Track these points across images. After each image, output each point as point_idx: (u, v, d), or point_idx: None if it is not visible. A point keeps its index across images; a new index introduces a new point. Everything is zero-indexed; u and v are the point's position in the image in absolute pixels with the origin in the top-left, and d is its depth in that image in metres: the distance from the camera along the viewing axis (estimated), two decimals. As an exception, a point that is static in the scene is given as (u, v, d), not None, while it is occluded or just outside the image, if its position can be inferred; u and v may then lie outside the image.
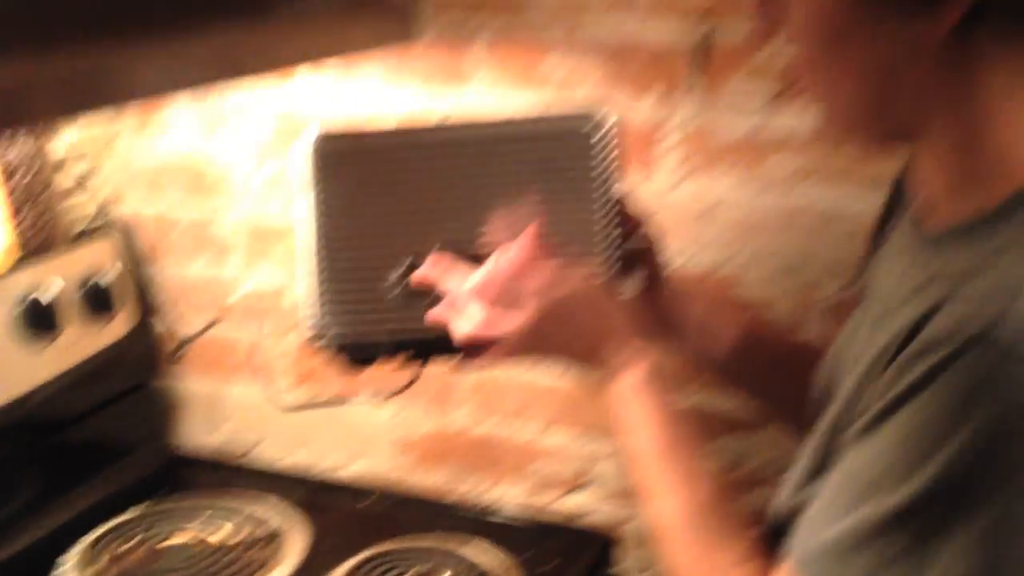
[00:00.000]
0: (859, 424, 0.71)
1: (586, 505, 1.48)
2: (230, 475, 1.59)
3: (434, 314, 0.94)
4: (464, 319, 0.91)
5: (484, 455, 1.53)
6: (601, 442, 1.46)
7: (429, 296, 0.95)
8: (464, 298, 0.91)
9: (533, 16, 1.34)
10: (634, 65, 1.31)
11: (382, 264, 0.97)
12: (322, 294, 0.98)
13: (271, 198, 1.56)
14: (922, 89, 0.71)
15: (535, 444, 1.49)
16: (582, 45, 1.33)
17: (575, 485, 1.48)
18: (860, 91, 0.74)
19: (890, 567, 0.66)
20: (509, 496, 1.51)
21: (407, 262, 0.96)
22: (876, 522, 0.67)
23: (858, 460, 0.70)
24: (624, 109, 1.31)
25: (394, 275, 0.97)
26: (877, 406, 0.69)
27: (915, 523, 0.65)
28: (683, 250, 1.33)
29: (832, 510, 0.72)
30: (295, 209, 1.00)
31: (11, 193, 1.37)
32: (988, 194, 0.70)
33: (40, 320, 1.35)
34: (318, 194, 0.97)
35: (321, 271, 0.98)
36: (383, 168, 0.99)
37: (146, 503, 1.45)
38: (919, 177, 0.79)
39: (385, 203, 0.98)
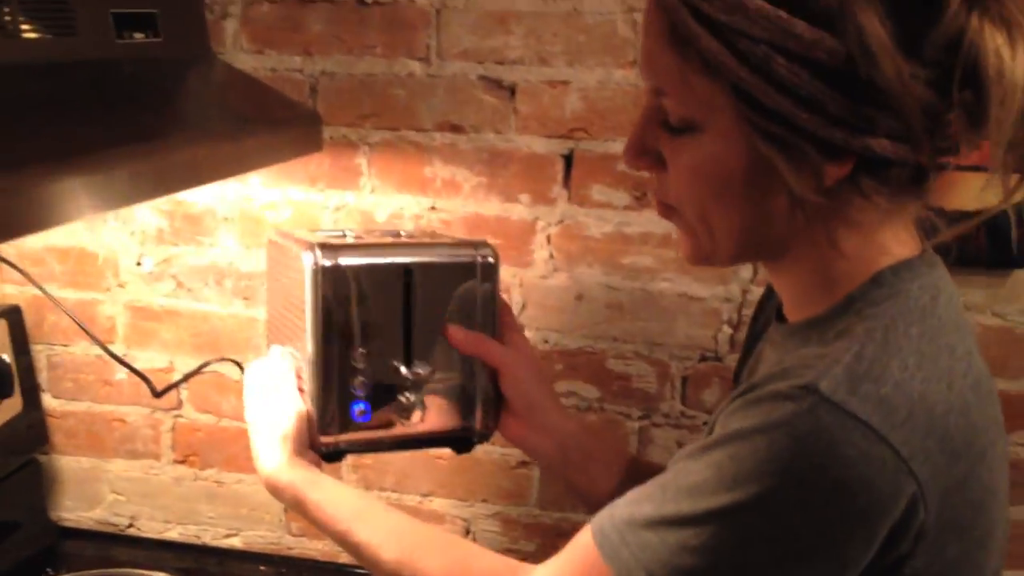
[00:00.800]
0: (693, 446, 0.79)
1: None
2: (115, 547, 1.64)
3: None
4: None
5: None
6: (478, 507, 1.60)
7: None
8: None
9: (414, 131, 1.51)
10: (508, 173, 1.49)
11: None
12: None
13: (155, 285, 1.64)
14: (790, 228, 0.80)
15: (418, 509, 1.62)
16: (460, 155, 1.50)
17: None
18: (737, 232, 0.81)
19: (684, 554, 0.74)
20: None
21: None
22: (688, 515, 0.74)
23: (685, 469, 0.77)
24: (500, 211, 1.50)
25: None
26: (714, 434, 0.77)
27: (723, 527, 0.73)
28: (559, 329, 1.51)
29: (647, 497, 0.79)
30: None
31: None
32: (830, 298, 0.83)
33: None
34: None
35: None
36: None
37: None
38: (778, 285, 0.90)
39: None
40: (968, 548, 0.78)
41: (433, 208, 1.53)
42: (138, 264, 1.64)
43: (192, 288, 1.63)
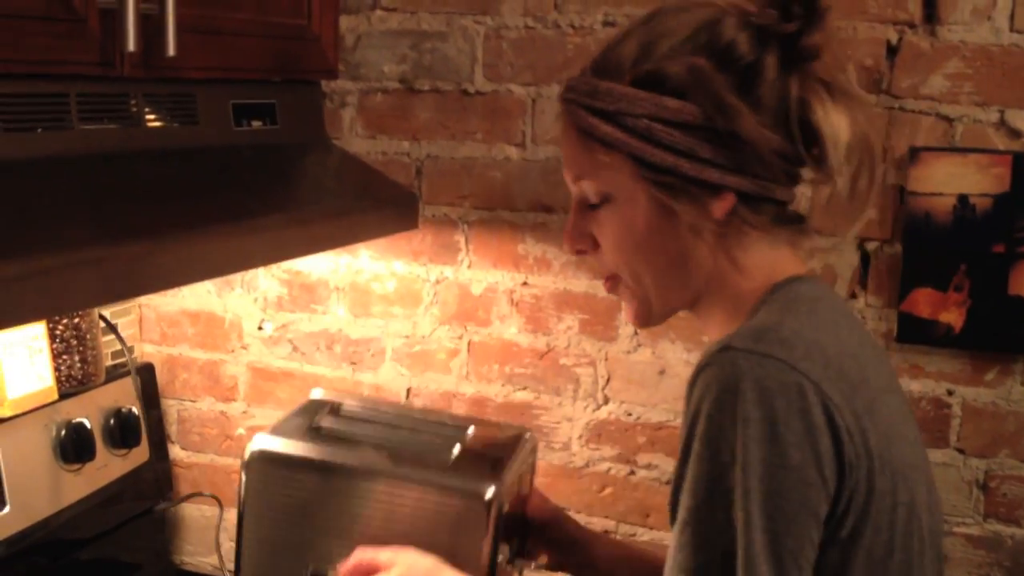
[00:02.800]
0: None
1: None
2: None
3: None
4: None
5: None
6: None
7: None
8: None
9: (508, 211, 1.62)
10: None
11: (289, 559, 1.19)
12: (246, 570, 1.21)
13: (273, 347, 1.78)
14: (701, 266, 0.98)
15: (504, 571, 1.69)
16: (551, 234, 1.59)
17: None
18: (668, 278, 0.99)
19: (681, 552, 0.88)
20: None
21: (309, 571, 1.18)
22: (683, 522, 0.89)
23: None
24: (588, 287, 1.58)
25: None
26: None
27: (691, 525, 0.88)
28: (643, 403, 1.58)
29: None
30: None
31: (57, 337, 1.57)
32: (742, 316, 0.97)
33: (78, 446, 1.54)
34: (249, 495, 1.20)
35: (247, 554, 1.21)
36: (301, 490, 1.19)
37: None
38: (706, 327, 1.04)
39: (296, 516, 1.18)
40: (894, 492, 0.90)
41: (525, 283, 1.62)
42: (259, 328, 1.79)
43: (306, 352, 1.77)
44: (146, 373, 1.77)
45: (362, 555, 1.12)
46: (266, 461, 1.18)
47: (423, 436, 1.26)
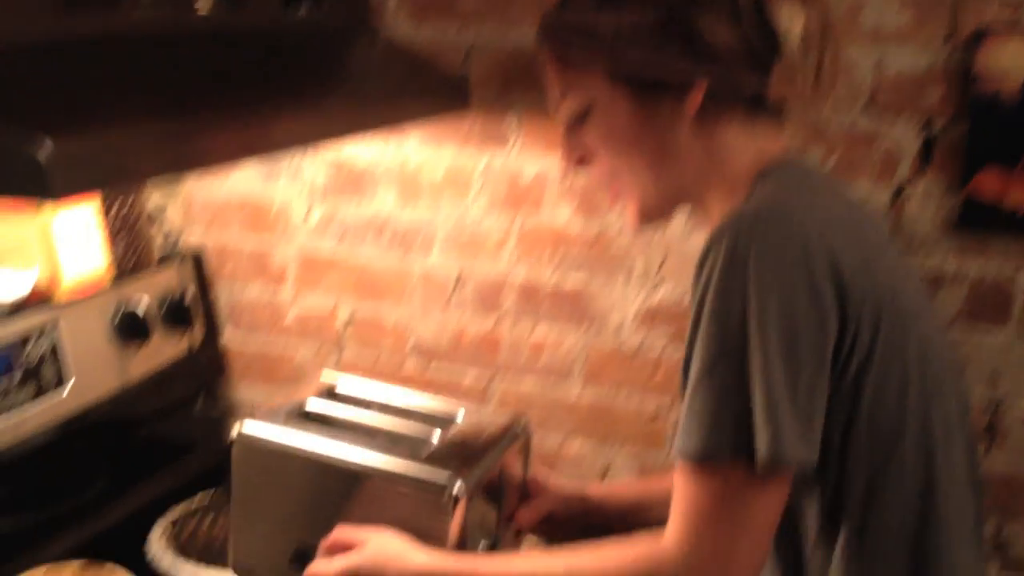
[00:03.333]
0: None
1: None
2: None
3: None
4: None
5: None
6: (616, 450, 1.68)
7: None
8: None
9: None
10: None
11: (276, 535, 1.23)
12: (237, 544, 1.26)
13: (321, 235, 1.78)
14: (690, 159, 1.05)
15: (558, 452, 1.71)
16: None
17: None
18: (658, 171, 1.07)
19: (716, 402, 0.93)
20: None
21: (295, 548, 1.21)
22: (696, 381, 0.94)
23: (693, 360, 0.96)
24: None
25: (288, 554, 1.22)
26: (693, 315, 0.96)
27: (716, 372, 0.93)
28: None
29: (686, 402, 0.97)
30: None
31: (108, 222, 1.58)
32: (731, 196, 1.05)
33: (134, 329, 1.57)
34: (236, 476, 1.24)
35: (238, 530, 1.26)
36: (284, 475, 1.22)
37: (212, 491, 1.66)
38: (706, 222, 1.09)
39: (281, 496, 1.23)
40: (903, 333, 0.97)
41: (567, 172, 1.60)
42: (307, 216, 1.79)
43: (353, 240, 1.77)
44: (196, 259, 1.78)
45: (340, 533, 1.17)
46: (251, 447, 1.23)
47: (410, 422, 1.30)
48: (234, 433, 1.23)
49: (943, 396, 1.01)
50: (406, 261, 1.74)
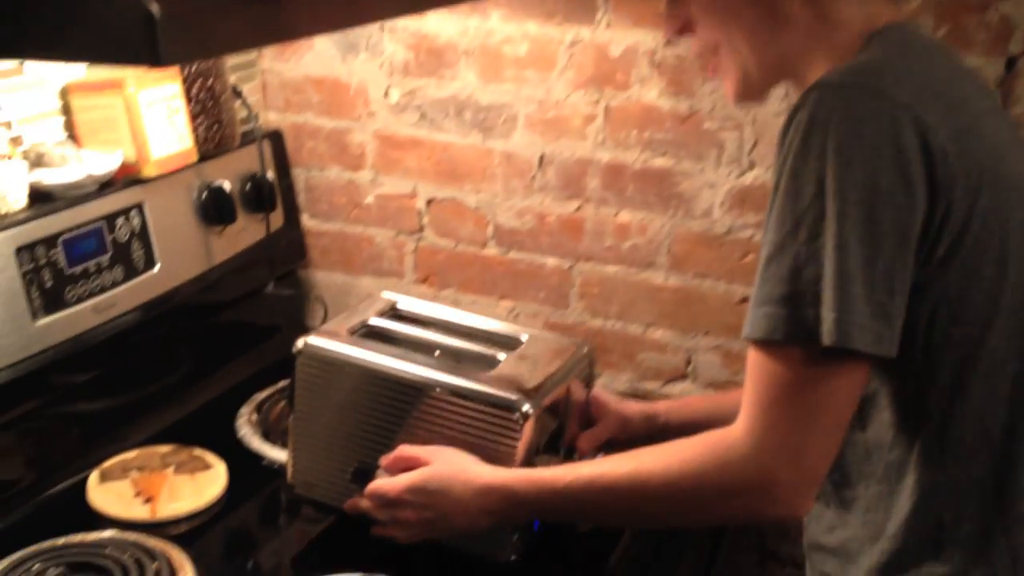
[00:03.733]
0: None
1: (685, 392, 1.68)
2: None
3: (350, 505, 1.21)
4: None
5: (596, 345, 1.72)
6: (700, 339, 1.65)
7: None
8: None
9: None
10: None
11: (336, 452, 1.23)
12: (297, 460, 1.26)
13: (400, 115, 1.75)
14: (795, 21, 0.99)
15: (642, 339, 1.69)
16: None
17: (676, 375, 1.69)
18: (761, 48, 1.01)
19: (807, 261, 0.89)
20: (618, 382, 1.72)
21: (355, 466, 1.22)
22: (767, 257, 0.91)
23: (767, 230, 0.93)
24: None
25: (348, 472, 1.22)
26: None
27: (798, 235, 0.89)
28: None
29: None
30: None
31: (190, 101, 1.56)
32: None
33: (219, 210, 1.56)
34: (299, 390, 1.23)
35: (298, 447, 1.25)
36: (345, 390, 1.22)
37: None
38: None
39: (344, 413, 1.22)
40: (1004, 209, 0.92)
41: (668, 43, 1.54)
42: (385, 96, 1.75)
43: (434, 119, 1.73)
44: (275, 140, 1.76)
45: (403, 451, 1.17)
46: (313, 360, 1.22)
47: (473, 343, 1.28)
48: (298, 345, 1.22)
49: None
50: (487, 142, 1.70)
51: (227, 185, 1.57)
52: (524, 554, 1.18)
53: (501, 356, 1.24)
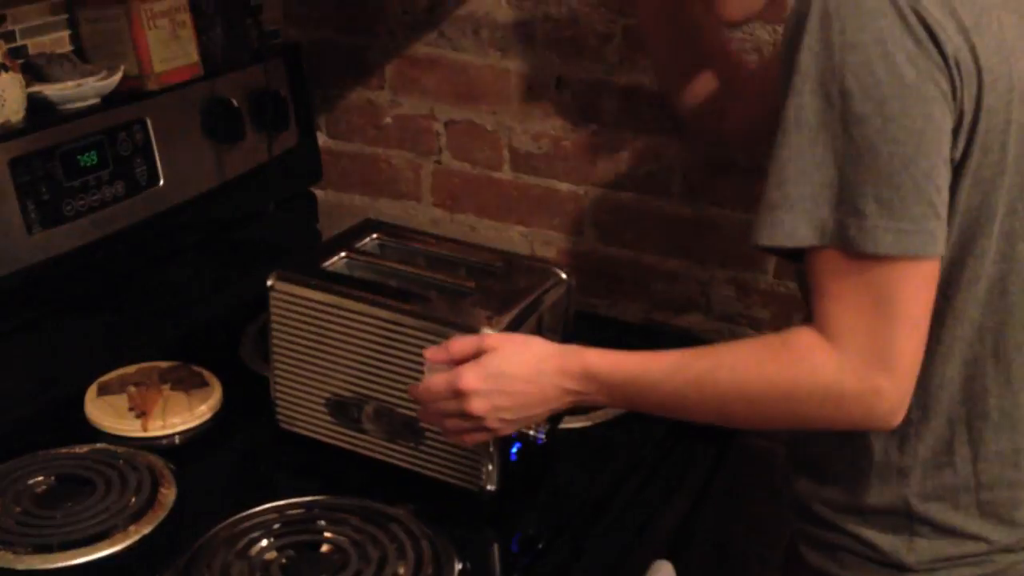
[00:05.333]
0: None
1: (698, 324, 1.64)
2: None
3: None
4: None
5: (609, 273, 1.70)
6: (714, 271, 1.61)
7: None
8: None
9: None
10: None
11: (316, 386, 1.23)
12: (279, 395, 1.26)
13: (419, 33, 1.70)
14: None
15: (654, 269, 1.65)
16: None
17: (690, 306, 1.65)
18: None
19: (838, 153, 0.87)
20: (630, 312, 1.69)
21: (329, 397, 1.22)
22: (793, 149, 0.88)
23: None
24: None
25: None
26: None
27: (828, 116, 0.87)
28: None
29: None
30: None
31: (197, 13, 1.53)
32: None
33: (226, 126, 1.54)
34: (275, 326, 1.23)
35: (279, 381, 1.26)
36: (316, 323, 1.20)
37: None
38: None
39: (320, 348, 1.21)
40: (1007, 110, 0.88)
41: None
42: (404, 13, 1.71)
43: (452, 38, 1.68)
44: (291, 55, 1.73)
45: (454, 341, 1.06)
46: (283, 296, 1.21)
47: (448, 273, 1.26)
48: (270, 281, 1.21)
49: None
50: (503, 61, 1.66)
51: (235, 101, 1.55)
52: (501, 485, 1.16)
53: (472, 285, 1.22)
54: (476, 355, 1.03)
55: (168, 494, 1.17)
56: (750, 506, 1.68)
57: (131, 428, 1.29)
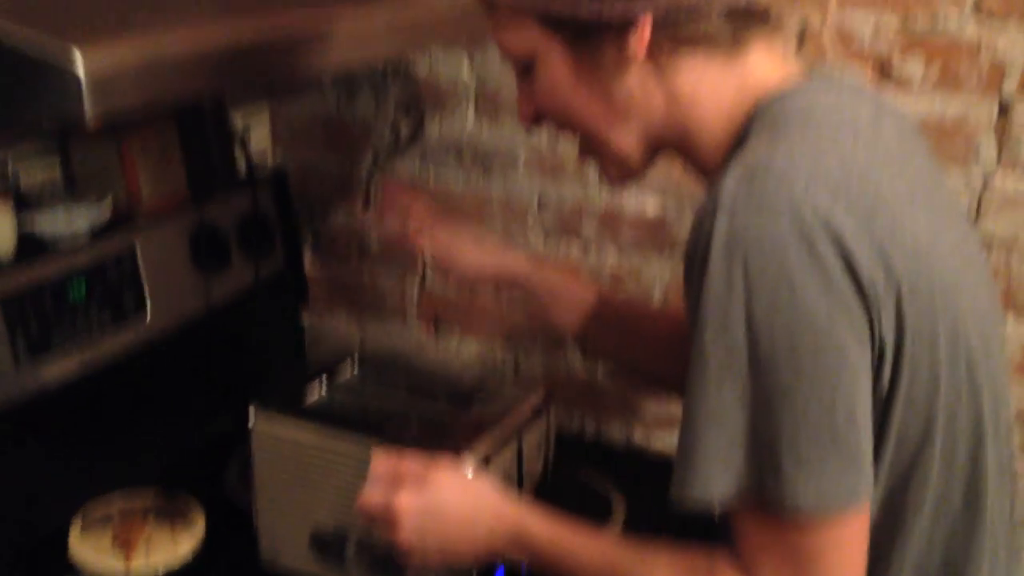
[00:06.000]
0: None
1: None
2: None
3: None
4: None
5: (592, 392, 1.70)
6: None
7: None
8: None
9: None
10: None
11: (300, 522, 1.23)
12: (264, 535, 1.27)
13: (404, 157, 1.75)
14: (650, 102, 0.92)
15: (639, 385, 1.67)
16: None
17: (674, 425, 1.65)
18: (618, 127, 0.94)
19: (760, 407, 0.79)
20: (615, 430, 1.69)
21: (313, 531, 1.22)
22: (699, 402, 0.82)
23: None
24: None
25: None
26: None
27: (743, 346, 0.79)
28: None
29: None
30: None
31: (188, 143, 1.57)
32: (723, 147, 0.91)
33: (213, 253, 1.56)
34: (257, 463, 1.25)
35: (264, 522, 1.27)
36: (296, 461, 1.22)
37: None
38: (694, 171, 0.97)
39: (303, 484, 1.22)
40: (932, 315, 0.81)
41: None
42: (390, 135, 1.75)
43: (436, 161, 1.72)
44: (279, 180, 1.76)
45: (398, 461, 1.04)
46: (264, 435, 1.23)
47: (430, 397, 1.29)
48: (251, 421, 1.23)
49: (975, 390, 0.86)
50: (486, 185, 1.70)
51: (223, 227, 1.58)
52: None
53: (455, 411, 1.23)
54: (421, 480, 1.00)
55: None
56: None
57: (114, 566, 1.28)
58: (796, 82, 0.91)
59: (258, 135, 1.82)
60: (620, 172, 0.99)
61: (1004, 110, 1.33)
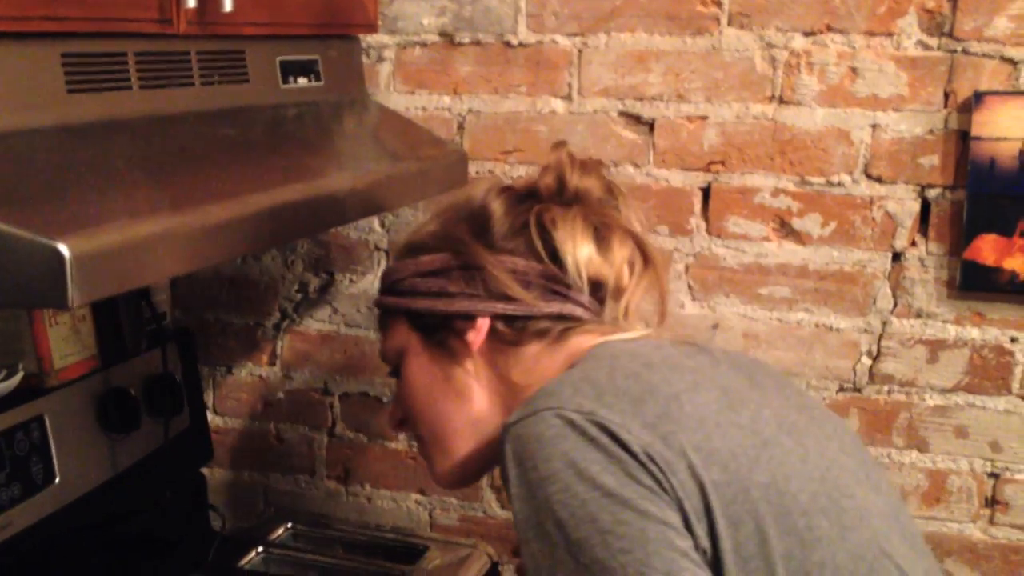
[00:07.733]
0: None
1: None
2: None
3: None
4: None
5: (513, 539, 1.70)
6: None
7: None
8: None
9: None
10: (647, 205, 1.53)
11: None
12: None
13: (311, 310, 1.75)
14: (485, 399, 1.03)
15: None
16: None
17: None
18: (458, 424, 1.04)
19: None
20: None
21: None
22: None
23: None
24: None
25: None
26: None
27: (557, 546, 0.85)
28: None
29: None
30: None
31: (95, 306, 1.53)
32: None
33: (123, 415, 1.51)
34: None
35: None
36: None
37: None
38: None
39: None
40: (737, 478, 0.86)
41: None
42: (297, 292, 1.75)
43: (346, 313, 1.73)
44: (183, 339, 1.73)
45: None
46: None
47: (365, 555, 1.34)
48: None
49: (820, 538, 0.87)
50: (399, 336, 1.71)
51: (131, 390, 1.54)
52: None
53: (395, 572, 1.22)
54: None
55: None
56: None
57: None
58: (619, 337, 1.01)
59: (157, 293, 1.79)
60: (451, 474, 1.07)
61: (896, 260, 1.44)
